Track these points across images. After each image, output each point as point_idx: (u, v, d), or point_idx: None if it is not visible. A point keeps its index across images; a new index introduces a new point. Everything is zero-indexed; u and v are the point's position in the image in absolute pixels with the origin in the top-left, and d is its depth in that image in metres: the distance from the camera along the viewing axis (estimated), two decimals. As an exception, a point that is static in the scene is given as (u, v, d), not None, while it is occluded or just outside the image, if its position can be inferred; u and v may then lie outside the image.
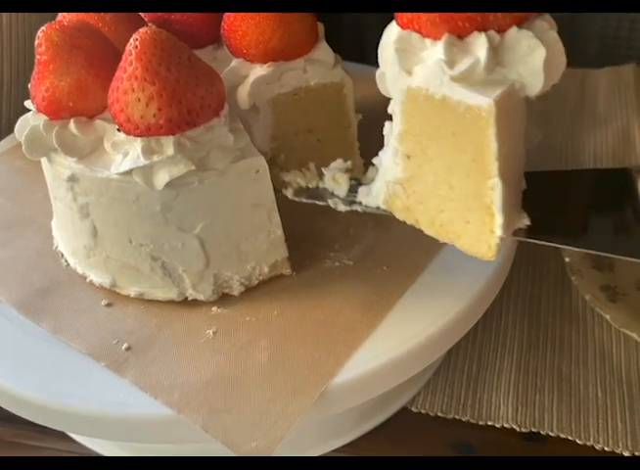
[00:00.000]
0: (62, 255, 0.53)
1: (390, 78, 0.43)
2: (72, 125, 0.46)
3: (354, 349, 0.45)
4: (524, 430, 0.52)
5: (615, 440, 0.51)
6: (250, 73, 0.53)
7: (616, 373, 0.56)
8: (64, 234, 0.53)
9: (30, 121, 0.47)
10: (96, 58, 0.46)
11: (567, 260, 0.61)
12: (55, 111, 0.46)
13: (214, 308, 0.48)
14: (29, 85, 0.48)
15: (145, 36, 0.42)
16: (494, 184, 0.41)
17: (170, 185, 0.44)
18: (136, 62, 0.42)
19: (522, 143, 0.45)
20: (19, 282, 0.51)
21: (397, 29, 0.41)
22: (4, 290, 0.51)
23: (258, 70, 0.53)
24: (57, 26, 0.46)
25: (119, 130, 0.44)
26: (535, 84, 0.39)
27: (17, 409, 0.46)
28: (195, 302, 0.49)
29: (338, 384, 0.43)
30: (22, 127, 0.47)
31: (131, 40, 0.42)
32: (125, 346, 0.46)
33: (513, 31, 0.38)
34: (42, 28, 0.46)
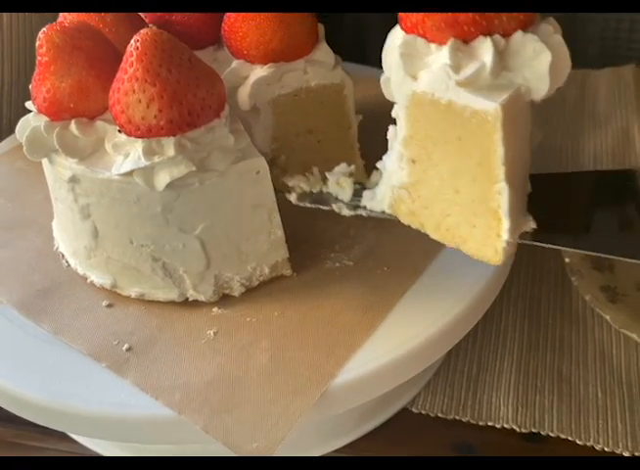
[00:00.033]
0: (62, 255, 0.53)
1: (395, 83, 0.42)
2: (73, 126, 0.46)
3: (355, 349, 0.45)
4: (524, 430, 0.52)
5: (615, 440, 0.51)
6: (250, 74, 0.54)
7: (616, 374, 0.56)
8: (64, 235, 0.53)
9: (31, 122, 0.47)
10: (97, 59, 0.46)
11: (567, 261, 0.61)
12: (56, 112, 0.46)
13: (215, 309, 0.49)
14: (30, 86, 0.48)
15: (146, 37, 0.43)
16: (501, 188, 0.41)
17: (171, 186, 0.44)
18: (137, 63, 0.42)
19: (527, 146, 0.45)
20: (20, 283, 0.51)
21: (402, 34, 0.41)
22: (5, 291, 0.51)
23: (259, 72, 0.53)
24: (58, 28, 0.46)
25: (120, 131, 0.44)
26: (541, 88, 0.39)
27: (18, 410, 0.46)
28: (195, 302, 0.49)
29: (338, 385, 0.43)
30: (23, 128, 0.48)
31: (132, 41, 0.43)
32: (126, 346, 0.46)
33: (518, 35, 0.38)
34: (43, 30, 0.46)
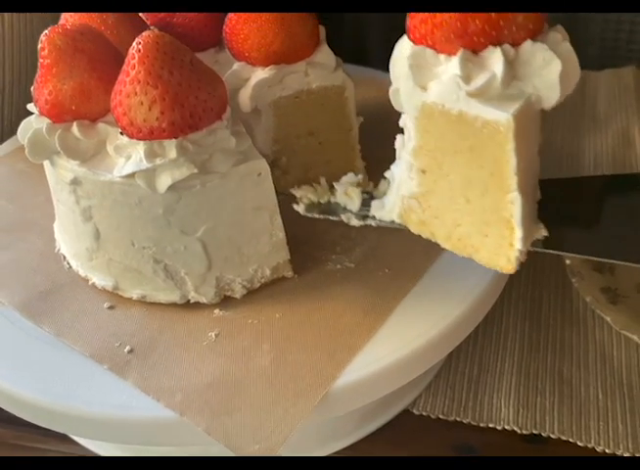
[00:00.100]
0: (64, 257, 0.53)
1: (405, 94, 0.42)
2: (75, 129, 0.46)
3: (356, 352, 0.45)
4: (524, 432, 0.52)
5: (615, 442, 0.51)
6: (251, 77, 0.54)
7: (616, 375, 0.56)
8: (66, 237, 0.53)
9: (33, 124, 0.47)
10: (99, 61, 0.46)
11: (567, 263, 0.61)
12: (58, 114, 0.46)
13: (216, 311, 0.49)
14: (32, 88, 0.48)
15: (147, 40, 0.43)
16: (513, 198, 0.41)
17: (173, 188, 0.44)
18: (139, 65, 0.42)
19: (536, 154, 0.44)
20: (21, 285, 0.51)
21: (410, 45, 0.41)
22: (6, 293, 0.51)
23: (260, 74, 0.53)
24: (60, 30, 0.46)
25: (122, 134, 0.44)
26: (552, 97, 0.39)
27: (19, 412, 0.46)
28: (197, 304, 0.49)
29: (339, 387, 0.43)
30: (24, 130, 0.48)
31: (134, 44, 0.43)
32: (128, 348, 0.46)
33: (527, 45, 0.38)
34: (45, 32, 0.46)
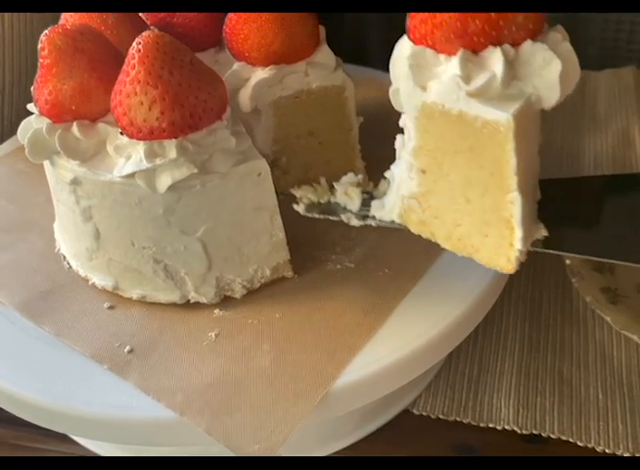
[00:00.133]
0: (64, 257, 0.53)
1: (404, 94, 0.42)
2: (75, 129, 0.46)
3: (356, 352, 0.45)
4: (524, 432, 0.52)
5: (615, 442, 0.51)
6: (251, 77, 0.54)
7: (616, 375, 0.56)
8: (66, 237, 0.53)
9: (33, 124, 0.47)
10: (99, 61, 0.46)
11: (567, 263, 0.61)
12: (58, 114, 0.46)
13: (216, 311, 0.49)
14: (32, 88, 0.48)
15: (148, 40, 0.43)
16: (513, 198, 0.41)
17: (173, 188, 0.44)
18: (139, 65, 0.42)
19: (536, 154, 0.44)
20: (21, 285, 0.51)
21: (410, 45, 0.41)
22: (6, 293, 0.51)
23: (260, 74, 0.53)
24: (60, 30, 0.46)
25: (122, 134, 0.44)
26: (552, 97, 0.39)
27: (19, 412, 0.46)
28: (197, 304, 0.49)
29: (339, 387, 0.43)
30: (24, 130, 0.48)
31: (134, 44, 0.43)
32: (128, 348, 0.46)
33: (527, 45, 0.38)
34: (45, 32, 0.46)
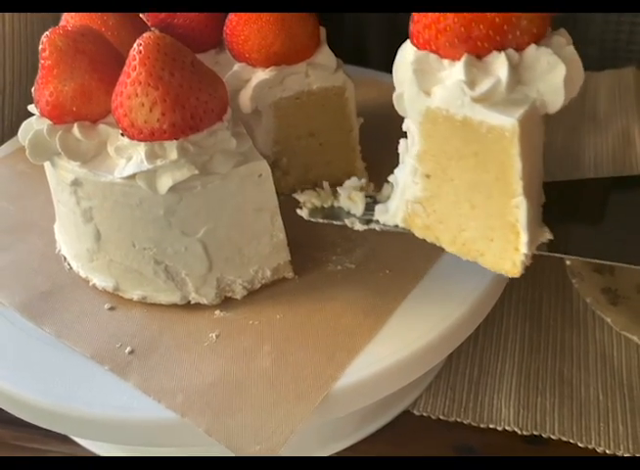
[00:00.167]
0: (64, 258, 0.53)
1: (408, 99, 0.42)
2: (76, 130, 0.46)
3: (356, 353, 0.45)
4: (525, 433, 0.52)
5: (616, 442, 0.51)
6: (252, 78, 0.54)
7: (617, 376, 0.56)
8: (67, 238, 0.53)
9: (34, 126, 0.47)
10: (100, 63, 0.46)
11: (567, 264, 0.61)
12: (59, 115, 0.46)
13: (217, 312, 0.49)
14: (33, 89, 0.48)
15: (148, 41, 0.43)
16: (519, 203, 0.41)
17: (174, 189, 0.44)
18: (140, 67, 0.42)
19: (541, 158, 0.44)
20: (22, 286, 0.51)
21: (413, 50, 0.40)
22: (7, 293, 0.51)
23: (261, 75, 0.53)
24: (61, 31, 0.46)
25: (123, 135, 0.45)
26: (556, 101, 0.39)
27: (19, 412, 0.46)
28: (198, 305, 0.49)
29: (340, 388, 0.43)
30: (25, 132, 0.48)
31: (135, 45, 0.43)
32: (128, 349, 0.46)
33: (532, 49, 0.38)
34: (46, 33, 0.46)
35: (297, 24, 0.52)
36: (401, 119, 0.45)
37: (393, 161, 0.48)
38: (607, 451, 0.51)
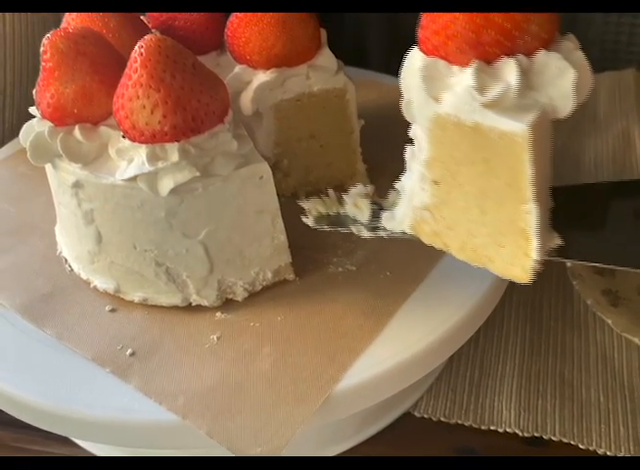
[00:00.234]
0: (65, 260, 0.54)
1: (417, 106, 0.41)
2: (77, 132, 0.46)
3: (357, 355, 0.45)
4: (526, 435, 0.52)
5: (617, 444, 0.51)
6: (253, 80, 0.54)
7: (618, 378, 0.56)
8: (68, 240, 0.53)
9: (35, 128, 0.47)
10: (101, 65, 0.46)
11: (568, 265, 0.61)
12: (60, 117, 0.46)
13: (218, 314, 0.49)
14: (34, 91, 0.48)
15: (150, 43, 0.43)
16: (530, 208, 0.40)
17: (175, 191, 0.44)
18: (141, 69, 0.42)
19: (549, 162, 0.44)
20: (23, 287, 0.51)
21: (422, 56, 0.40)
22: (8, 295, 0.51)
23: (262, 77, 0.53)
24: (62, 33, 0.46)
25: (124, 137, 0.45)
26: (566, 106, 0.38)
27: (20, 414, 0.46)
28: (199, 307, 0.49)
29: (341, 390, 0.43)
30: (26, 134, 0.48)
31: (136, 47, 0.43)
32: (130, 351, 0.46)
33: (541, 54, 0.38)
34: (47, 35, 0.46)
35: (298, 26, 0.52)
36: (402, 121, 0.44)
37: (395, 163, 0.48)
38: (608, 453, 0.51)
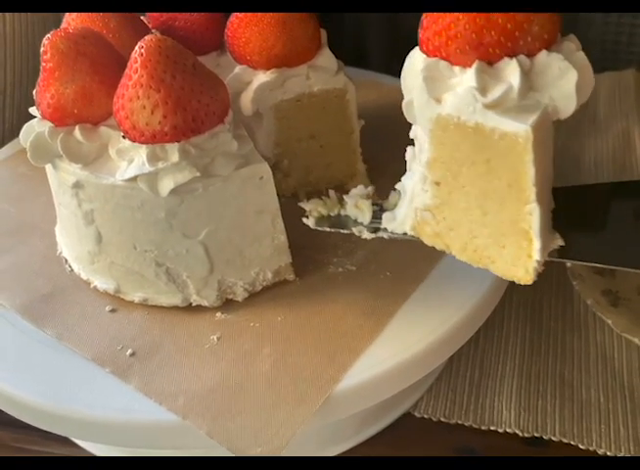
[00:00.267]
0: (65, 260, 0.54)
1: (418, 106, 0.42)
2: (77, 132, 0.46)
3: (357, 355, 0.45)
4: (526, 435, 0.52)
5: (617, 444, 0.51)
6: (253, 80, 0.54)
7: (618, 378, 0.56)
8: (68, 240, 0.53)
9: (35, 128, 0.47)
10: (101, 65, 0.46)
11: (568, 265, 0.61)
12: (60, 117, 0.46)
13: (218, 314, 0.49)
14: (34, 92, 0.48)
15: (150, 44, 0.43)
16: (532, 209, 0.40)
17: (175, 192, 0.44)
18: (141, 69, 0.42)
19: (551, 163, 0.44)
20: (23, 288, 0.51)
21: (423, 57, 0.40)
22: (8, 295, 0.51)
23: (262, 77, 0.53)
24: (62, 34, 0.46)
25: (125, 137, 0.45)
26: (568, 107, 0.38)
27: (20, 414, 0.46)
28: (199, 307, 0.49)
29: (341, 390, 0.43)
30: (27, 134, 0.48)
31: (136, 48, 0.43)
32: (130, 352, 0.46)
33: (543, 55, 0.38)
34: (47, 36, 0.46)
35: (299, 27, 0.52)
36: (402, 121, 0.44)
37: (395, 163, 0.48)
38: (608, 453, 0.51)
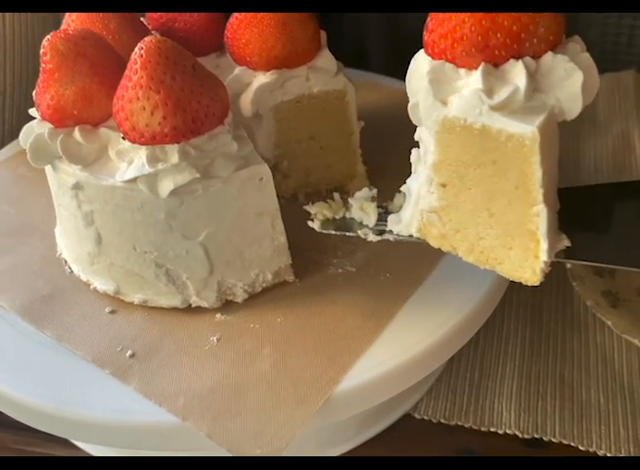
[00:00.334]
0: (65, 262, 0.54)
1: (424, 109, 0.42)
2: (77, 133, 0.46)
3: (357, 356, 0.45)
4: (526, 436, 0.52)
5: (617, 446, 0.51)
6: (253, 81, 0.54)
7: (617, 379, 0.56)
8: (67, 241, 0.53)
9: (35, 129, 0.47)
10: (101, 66, 0.46)
11: (568, 267, 0.61)
12: (60, 119, 0.46)
13: (218, 315, 0.49)
14: (34, 93, 0.48)
15: (150, 45, 0.43)
16: (539, 210, 0.40)
17: (175, 193, 0.44)
18: (141, 70, 0.42)
19: (557, 164, 0.44)
20: (22, 289, 0.51)
21: (428, 60, 0.40)
22: (8, 297, 0.51)
23: (261, 78, 0.53)
24: (62, 35, 0.46)
25: (124, 138, 0.45)
26: (574, 108, 0.38)
27: (20, 416, 0.46)
28: (198, 309, 0.49)
29: (340, 391, 0.43)
30: (26, 135, 0.48)
31: (136, 49, 0.43)
32: (129, 353, 0.46)
33: (548, 57, 0.38)
34: (47, 37, 0.46)
35: (298, 28, 0.52)
36: (402, 122, 0.44)
37: (395, 164, 0.48)
38: (608, 454, 0.51)
